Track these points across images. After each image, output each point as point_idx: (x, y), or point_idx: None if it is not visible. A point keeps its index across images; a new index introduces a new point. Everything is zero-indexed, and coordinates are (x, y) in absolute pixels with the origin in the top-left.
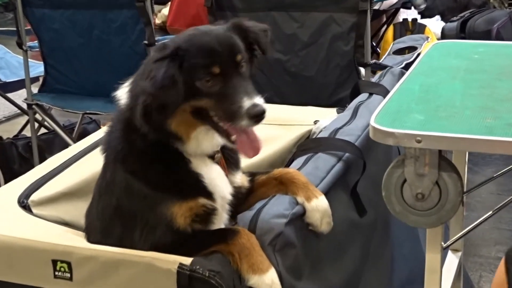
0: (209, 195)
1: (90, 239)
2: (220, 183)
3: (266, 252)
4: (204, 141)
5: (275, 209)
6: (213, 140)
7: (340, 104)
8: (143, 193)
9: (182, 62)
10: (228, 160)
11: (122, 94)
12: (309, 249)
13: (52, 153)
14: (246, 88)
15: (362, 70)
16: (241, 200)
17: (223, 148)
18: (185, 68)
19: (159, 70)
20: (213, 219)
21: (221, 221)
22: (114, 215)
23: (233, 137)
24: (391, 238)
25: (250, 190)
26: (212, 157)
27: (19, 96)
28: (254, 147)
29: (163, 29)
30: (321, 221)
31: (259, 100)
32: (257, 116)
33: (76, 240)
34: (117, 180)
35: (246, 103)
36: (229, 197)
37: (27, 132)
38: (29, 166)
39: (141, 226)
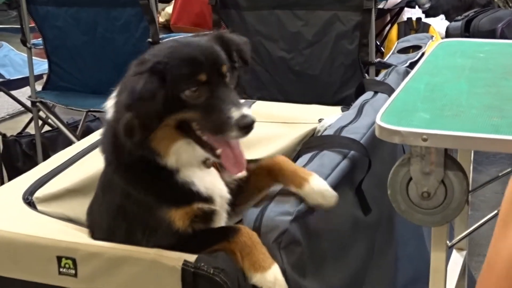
0: (205, 199)
1: (95, 237)
2: (216, 185)
3: (271, 250)
4: (184, 154)
5: (280, 206)
6: (194, 153)
7: (344, 103)
8: (139, 200)
9: (164, 76)
10: None
11: (109, 107)
12: (314, 246)
13: (55, 151)
14: (233, 99)
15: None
16: (237, 190)
17: None
18: (168, 81)
19: (137, 84)
20: (213, 218)
21: (221, 220)
22: (117, 214)
23: (218, 151)
24: (395, 237)
25: (244, 179)
26: (203, 162)
27: (23, 93)
28: (239, 163)
29: (167, 27)
30: (323, 199)
31: (247, 110)
32: (247, 127)
33: (81, 237)
34: (115, 183)
35: (235, 113)
36: (227, 196)
37: (31, 130)
38: (33, 163)
39: (142, 228)
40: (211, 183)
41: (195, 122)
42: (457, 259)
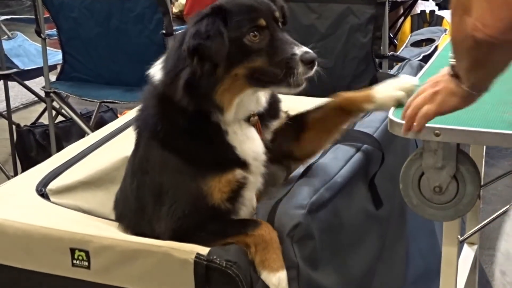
0: (243, 164)
1: (124, 221)
2: (254, 146)
3: (284, 244)
4: (246, 104)
5: (294, 199)
6: (256, 101)
7: None
8: (179, 169)
9: (225, 20)
10: (264, 116)
11: (156, 71)
12: (326, 239)
13: (69, 141)
14: (291, 40)
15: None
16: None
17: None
18: (230, 26)
19: (200, 25)
20: (244, 193)
21: (255, 186)
22: (146, 193)
23: (299, 70)
24: (406, 231)
25: (298, 128)
26: (247, 120)
27: (37, 83)
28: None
29: (180, 18)
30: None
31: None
32: (311, 61)
33: (94, 229)
34: (152, 156)
35: (298, 51)
36: (263, 157)
37: (44, 120)
38: (46, 153)
39: (171, 202)
40: (249, 144)
41: (261, 69)
42: (468, 253)
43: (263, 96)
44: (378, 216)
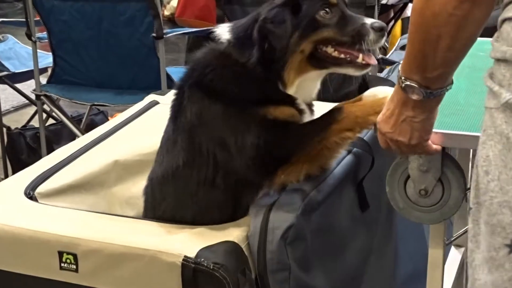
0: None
1: (157, 193)
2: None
3: (277, 246)
4: (307, 87)
5: (287, 202)
6: (313, 89)
7: (346, 99)
8: (235, 111)
9: (299, 6)
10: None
11: (223, 31)
12: (317, 241)
13: (60, 144)
14: (360, 16)
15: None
16: None
17: None
18: (304, 7)
19: (271, 11)
20: None
21: None
22: (198, 148)
23: (359, 59)
24: (395, 233)
25: None
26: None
27: (28, 86)
28: (373, 59)
29: (171, 20)
30: None
31: None
32: (381, 29)
33: (83, 231)
34: (199, 109)
35: (368, 21)
36: None
37: (35, 123)
38: (37, 156)
39: (235, 140)
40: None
41: (332, 38)
42: (455, 256)
43: (318, 87)
44: (368, 217)
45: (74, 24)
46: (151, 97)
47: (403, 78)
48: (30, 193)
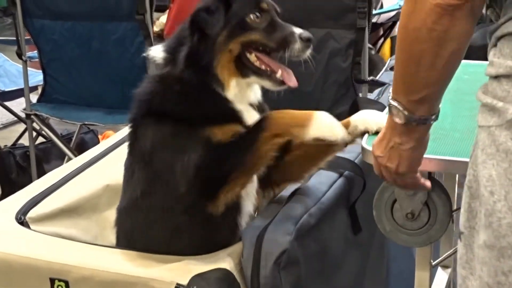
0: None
1: (127, 218)
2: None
3: (271, 271)
4: (245, 90)
5: (280, 226)
6: (250, 93)
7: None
8: (182, 132)
9: (230, 4)
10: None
11: (157, 52)
12: (311, 265)
13: (49, 163)
14: (290, 25)
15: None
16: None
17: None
18: (234, 7)
19: (205, 3)
20: None
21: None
22: (151, 175)
23: (278, 74)
24: (387, 253)
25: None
26: (252, 106)
27: (17, 103)
28: (293, 80)
29: (160, 36)
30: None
31: None
32: (309, 39)
33: (74, 258)
34: (150, 135)
35: (297, 30)
36: None
37: (25, 140)
38: (27, 175)
39: (181, 161)
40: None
41: (259, 42)
42: (442, 277)
43: (258, 92)
44: (360, 240)
45: (64, 43)
46: None
47: (390, 98)
48: (21, 218)
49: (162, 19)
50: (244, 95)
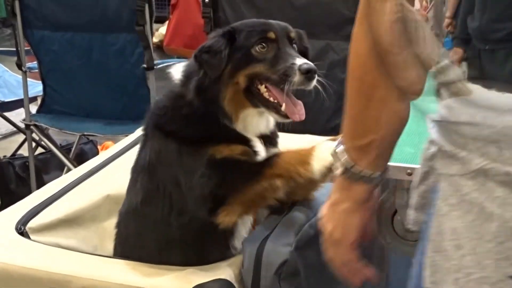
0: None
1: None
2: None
3: (272, 283)
4: (253, 122)
5: (280, 237)
6: (261, 123)
7: (335, 131)
8: (187, 149)
9: (234, 37)
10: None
11: (176, 72)
12: (311, 276)
13: (48, 173)
14: (297, 55)
15: None
16: None
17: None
18: (239, 40)
19: (209, 41)
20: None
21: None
22: (153, 186)
23: (283, 108)
24: (387, 261)
25: None
26: (258, 137)
27: (17, 114)
28: (300, 112)
29: (160, 47)
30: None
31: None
32: (309, 71)
33: (75, 268)
34: (157, 148)
35: (298, 61)
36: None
37: (24, 151)
38: (26, 186)
39: (183, 177)
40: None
41: (262, 75)
42: None
43: (272, 119)
44: (360, 249)
45: (64, 54)
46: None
47: (338, 142)
48: (21, 228)
49: (161, 30)
50: (254, 126)
